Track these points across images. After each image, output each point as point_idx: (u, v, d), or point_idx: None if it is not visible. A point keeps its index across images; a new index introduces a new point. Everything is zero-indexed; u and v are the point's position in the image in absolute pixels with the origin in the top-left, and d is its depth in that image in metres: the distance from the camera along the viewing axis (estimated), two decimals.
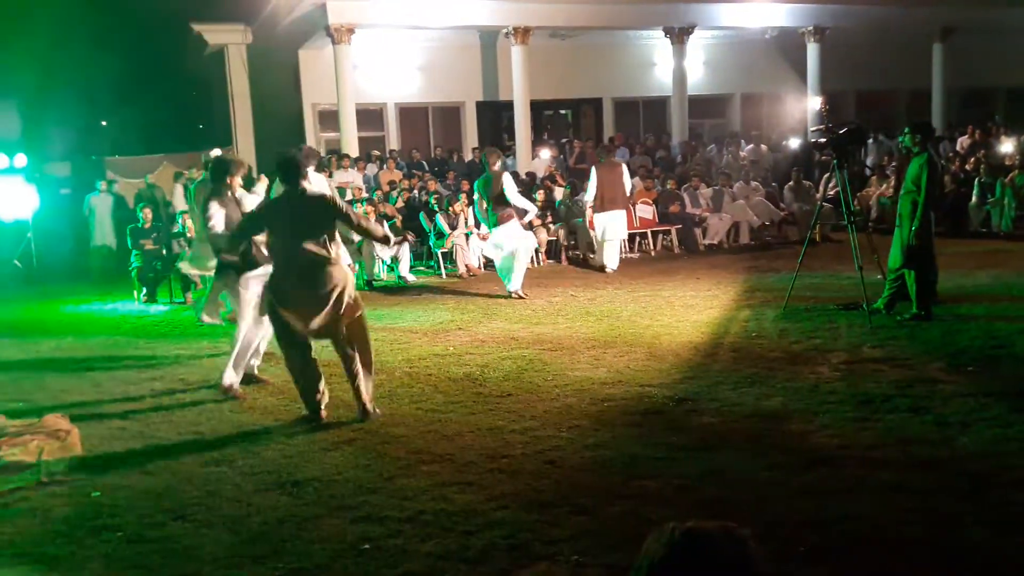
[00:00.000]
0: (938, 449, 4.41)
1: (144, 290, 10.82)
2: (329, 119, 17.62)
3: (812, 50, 18.51)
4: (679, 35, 17.76)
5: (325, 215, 5.22)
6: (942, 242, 11.66)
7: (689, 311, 8.41)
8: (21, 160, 13.84)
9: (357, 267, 11.33)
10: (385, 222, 11.43)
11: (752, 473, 4.21)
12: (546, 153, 16.84)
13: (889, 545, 3.39)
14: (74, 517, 4.03)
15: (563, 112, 21.25)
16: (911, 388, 5.48)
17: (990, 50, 19.39)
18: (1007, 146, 16.07)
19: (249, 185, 6.88)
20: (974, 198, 13.63)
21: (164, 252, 11.15)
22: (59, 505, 4.18)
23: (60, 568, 3.53)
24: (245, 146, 18.07)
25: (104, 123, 20.98)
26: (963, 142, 17.07)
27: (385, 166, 15.69)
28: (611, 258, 11.43)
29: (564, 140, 19.17)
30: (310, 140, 18.09)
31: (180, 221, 11.56)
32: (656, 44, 19.23)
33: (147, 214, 11.31)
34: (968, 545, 3.36)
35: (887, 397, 5.32)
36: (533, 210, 10.58)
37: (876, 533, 3.49)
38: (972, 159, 15.15)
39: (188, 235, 11.22)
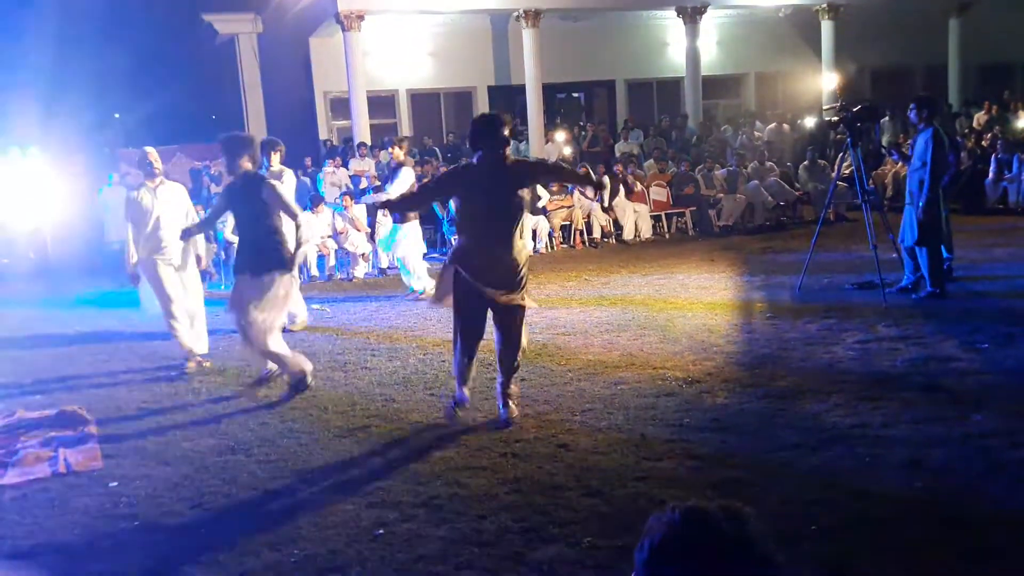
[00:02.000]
0: (952, 427, 4.38)
1: None
2: (340, 107, 17.61)
3: (827, 28, 18.28)
4: (691, 14, 17.58)
5: (522, 182, 4.81)
6: (959, 219, 11.55)
7: (703, 293, 8.38)
8: (34, 154, 13.94)
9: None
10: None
11: (765, 453, 4.21)
12: (560, 137, 16.76)
13: (902, 523, 3.38)
14: (92, 507, 4.09)
15: (576, 95, 21.12)
16: (925, 366, 5.45)
17: (1007, 25, 19.07)
18: (1022, 121, 15.84)
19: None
20: (991, 174, 13.46)
21: None
22: (77, 495, 4.24)
23: (79, 558, 3.59)
24: (257, 136, 18.09)
25: (117, 115, 21.06)
26: (980, 118, 16.84)
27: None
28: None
29: (578, 124, 19.07)
30: (322, 128, 18.12)
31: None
32: (669, 24, 19.05)
33: None
34: (981, 521, 3.34)
35: (901, 375, 5.29)
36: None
37: (888, 511, 3.48)
38: (989, 135, 14.95)
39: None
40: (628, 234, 12.60)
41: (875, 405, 4.80)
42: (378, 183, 13.09)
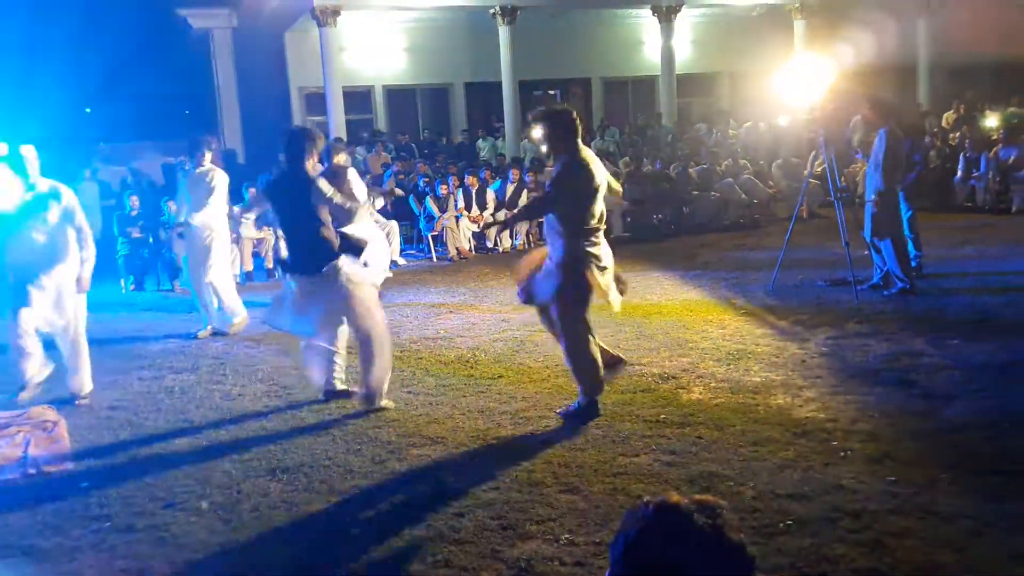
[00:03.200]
0: (923, 421, 4.45)
1: (131, 278, 10.77)
2: (316, 102, 17.50)
3: (799, 27, 18.45)
4: (667, 13, 17.67)
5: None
6: (929, 217, 11.73)
7: (678, 290, 8.44)
8: (2, 149, 13.69)
9: None
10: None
11: (738, 447, 4.25)
12: (537, 134, 16.77)
13: (874, 515, 3.43)
14: (63, 508, 4.03)
15: (552, 93, 21.16)
16: (896, 362, 5.53)
17: (975, 24, 19.34)
18: (991, 120, 16.09)
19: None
20: (959, 172, 13.66)
21: (151, 240, 11.08)
22: (48, 497, 4.18)
23: (50, 560, 3.54)
24: (231, 131, 17.95)
25: (88, 110, 20.76)
26: (948, 117, 17.09)
27: (375, 149, 15.63)
28: None
29: None
30: (297, 124, 17.98)
31: (166, 208, 11.49)
32: (644, 23, 19.13)
33: (134, 201, 11.22)
34: (949, 512, 3.40)
35: (873, 371, 5.37)
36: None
37: (861, 503, 3.53)
38: (957, 134, 15.17)
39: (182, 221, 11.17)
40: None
41: (847, 400, 4.87)
42: None
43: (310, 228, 5.12)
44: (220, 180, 7.52)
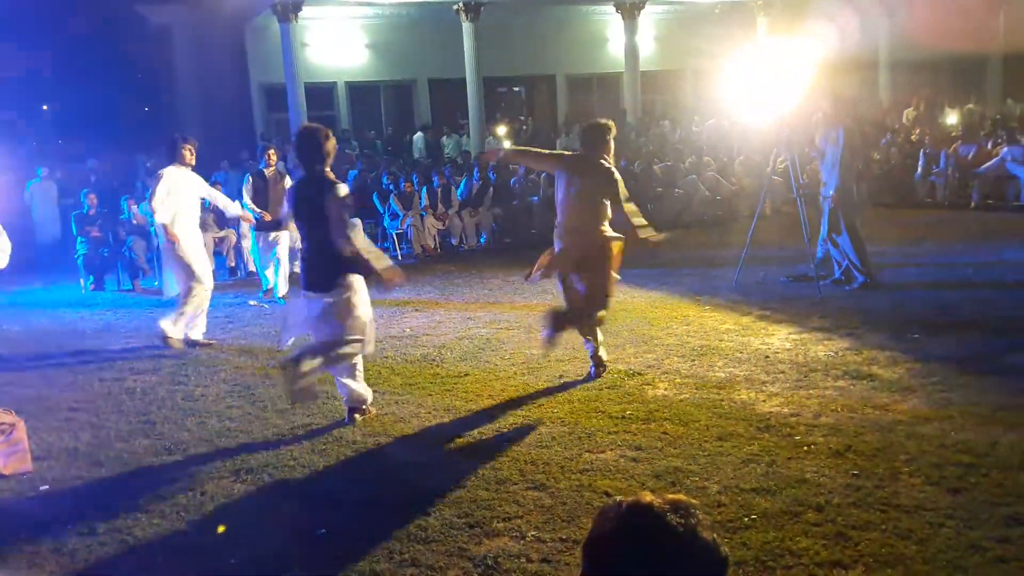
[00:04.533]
0: (884, 414, 4.53)
1: (91, 278, 10.56)
2: (277, 98, 17.30)
3: (762, 23, 18.65)
4: (630, 10, 17.75)
5: None
6: (890, 213, 11.94)
7: (642, 287, 8.48)
8: None
9: None
10: None
11: (703, 442, 4.28)
12: (501, 131, 16.75)
13: (837, 508, 3.47)
14: (22, 512, 3.94)
15: (516, 90, 21.16)
16: (858, 355, 5.62)
17: (934, 21, 19.71)
18: (951, 117, 16.42)
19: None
20: (920, 169, 13.92)
21: (111, 239, 10.88)
22: (6, 500, 4.09)
23: (9, 567, 3.46)
24: (191, 127, 17.67)
25: (45, 107, 20.32)
26: (908, 114, 17.39)
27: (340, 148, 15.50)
28: None
29: (519, 118, 19.09)
30: (258, 120, 17.78)
31: (126, 207, 11.29)
32: (608, 19, 19.21)
33: (92, 200, 11.01)
34: (910, 504, 3.46)
35: (835, 365, 5.44)
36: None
37: (824, 496, 3.58)
38: (917, 130, 15.45)
39: (134, 221, 10.97)
40: None
41: (808, 394, 4.93)
42: None
43: (324, 238, 4.63)
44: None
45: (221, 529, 3.72)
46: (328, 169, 4.77)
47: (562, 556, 3.25)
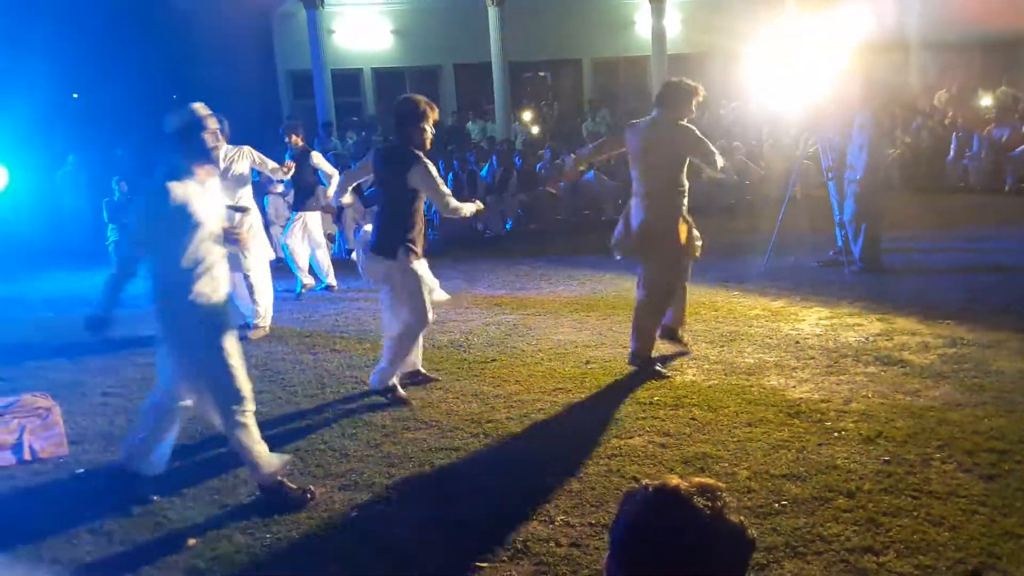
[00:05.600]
0: (915, 400, 4.48)
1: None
2: (304, 84, 17.38)
3: (791, 4, 18.37)
4: None
5: None
6: (922, 197, 11.75)
7: None
8: None
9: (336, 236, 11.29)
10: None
11: (732, 428, 4.27)
12: (527, 116, 16.71)
13: (868, 494, 3.45)
14: (59, 495, 4.03)
15: (542, 74, 21.05)
16: (889, 341, 5.56)
17: (966, 1, 19.32)
18: (984, 99, 16.10)
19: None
20: (951, 153, 13.68)
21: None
22: (43, 483, 4.18)
23: (49, 548, 3.54)
24: (217, 114, 17.77)
25: (75, 95, 20.56)
26: (940, 96, 17.08)
27: (363, 134, 15.55)
28: None
29: (544, 102, 19.01)
30: (285, 107, 17.86)
31: None
32: (635, 2, 19.03)
33: (123, 187, 11.15)
34: (942, 491, 3.43)
35: (865, 351, 5.39)
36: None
37: (855, 482, 3.56)
38: (950, 113, 15.18)
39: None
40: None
41: (839, 380, 4.89)
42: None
43: (398, 208, 4.83)
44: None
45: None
46: (418, 143, 4.85)
47: (591, 540, 3.26)
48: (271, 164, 7.27)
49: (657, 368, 5.22)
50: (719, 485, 1.39)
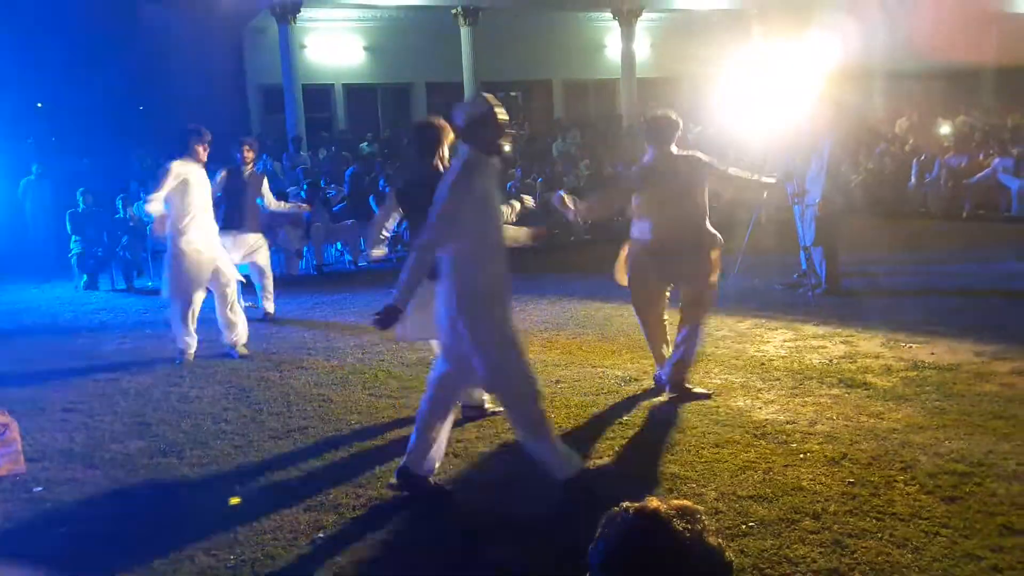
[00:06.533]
0: (879, 422, 4.55)
1: (84, 277, 10.54)
2: (275, 99, 17.30)
3: (758, 32, 18.75)
4: (627, 16, 17.84)
5: None
6: (883, 222, 11.99)
7: None
8: None
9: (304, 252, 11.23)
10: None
11: (700, 449, 4.29)
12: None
13: (833, 516, 3.49)
14: (15, 513, 3.92)
15: (513, 94, 21.20)
16: (852, 363, 5.64)
17: (929, 33, 19.83)
18: (944, 128, 16.52)
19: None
20: (913, 178, 14.00)
21: (105, 238, 10.85)
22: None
23: (3, 569, 3.44)
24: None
25: (39, 104, 20.25)
26: (900, 124, 17.50)
27: (332, 150, 15.51)
28: None
29: (516, 122, 19.11)
30: (255, 121, 17.77)
31: (121, 206, 11.27)
32: (605, 26, 19.29)
33: (87, 199, 10.99)
34: (905, 512, 3.48)
35: (829, 373, 5.47)
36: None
37: (820, 504, 3.59)
38: (911, 140, 15.55)
39: (130, 223, 10.93)
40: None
41: (804, 401, 4.95)
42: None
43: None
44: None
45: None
46: (437, 162, 4.74)
47: (564, 562, 3.25)
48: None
49: (693, 390, 5.17)
50: (698, 508, 1.41)
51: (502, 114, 3.81)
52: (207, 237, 6.53)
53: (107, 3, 18.29)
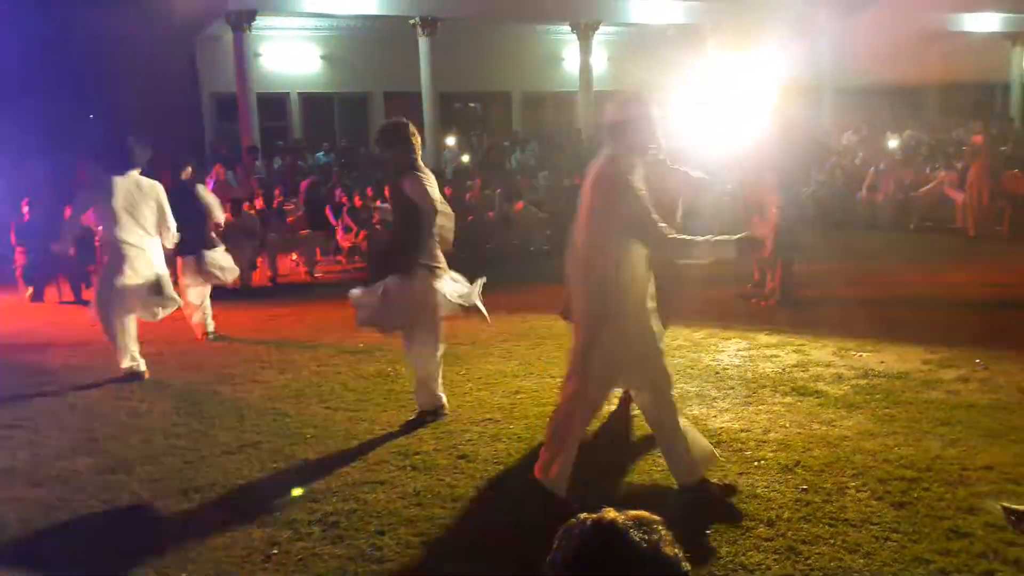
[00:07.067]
0: (831, 430, 4.63)
1: (30, 289, 10.26)
2: (229, 108, 17.09)
3: (712, 46, 19.05)
4: (585, 30, 18.00)
5: None
6: (833, 233, 12.24)
7: None
8: None
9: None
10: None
11: (657, 457, 4.31)
12: (451, 141, 16.80)
13: (787, 523, 3.54)
14: None
15: (472, 105, 21.23)
16: (805, 372, 5.74)
17: (875, 50, 20.35)
18: (892, 141, 16.96)
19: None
20: (863, 192, 14.32)
21: (51, 248, 10.57)
22: None
23: (8, 568, 3.33)
24: (138, 136, 17.33)
25: None
26: (848, 137, 17.92)
27: (288, 160, 15.35)
28: None
29: (475, 133, 19.16)
30: (208, 131, 17.53)
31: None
32: (564, 39, 19.44)
33: (31, 208, 10.70)
34: (857, 518, 3.54)
35: (782, 381, 5.55)
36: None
37: (774, 511, 3.64)
38: (860, 154, 15.93)
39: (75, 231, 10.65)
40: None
41: (757, 410, 5.02)
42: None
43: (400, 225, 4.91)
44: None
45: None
46: (411, 162, 4.89)
47: (523, 574, 3.24)
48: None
49: None
50: (655, 517, 1.41)
51: (656, 115, 3.76)
52: (138, 250, 6.31)
53: (56, 10, 17.91)
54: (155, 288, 6.33)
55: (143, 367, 6.33)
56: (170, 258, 6.99)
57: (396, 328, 5.03)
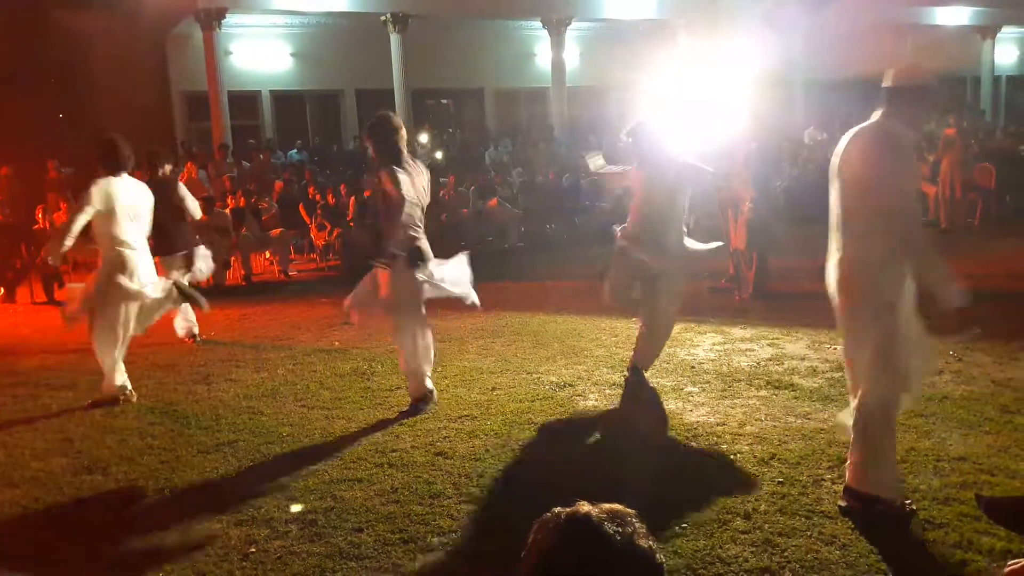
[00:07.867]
0: (806, 422, 4.68)
1: (1, 290, 10.10)
2: (199, 106, 16.90)
3: (683, 41, 19.15)
4: (557, 26, 18.01)
5: None
6: (808, 227, 12.34)
7: (572, 299, 8.57)
8: None
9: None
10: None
11: (633, 452, 4.35)
12: (424, 138, 16.75)
13: (764, 515, 3.57)
14: None
15: (445, 102, 21.17)
16: (779, 365, 5.80)
17: (848, 45, 20.57)
18: None
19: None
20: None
21: (22, 249, 10.43)
22: None
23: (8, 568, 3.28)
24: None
25: None
26: (811, 133, 18.09)
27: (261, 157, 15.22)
28: None
29: (448, 130, 19.11)
30: (179, 129, 17.32)
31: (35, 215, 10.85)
32: (536, 35, 19.43)
33: (4, 209, 10.54)
34: (832, 510, 3.59)
35: (757, 375, 5.61)
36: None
37: (751, 504, 3.68)
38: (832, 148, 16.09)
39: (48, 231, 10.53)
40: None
41: (733, 403, 5.07)
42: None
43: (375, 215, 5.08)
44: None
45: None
46: (395, 155, 5.01)
47: (500, 570, 3.25)
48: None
49: None
50: (630, 511, 1.42)
51: (937, 89, 3.60)
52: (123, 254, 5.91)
53: (24, 9, 17.61)
54: (168, 294, 6.01)
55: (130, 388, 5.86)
56: None
57: (378, 312, 5.29)
